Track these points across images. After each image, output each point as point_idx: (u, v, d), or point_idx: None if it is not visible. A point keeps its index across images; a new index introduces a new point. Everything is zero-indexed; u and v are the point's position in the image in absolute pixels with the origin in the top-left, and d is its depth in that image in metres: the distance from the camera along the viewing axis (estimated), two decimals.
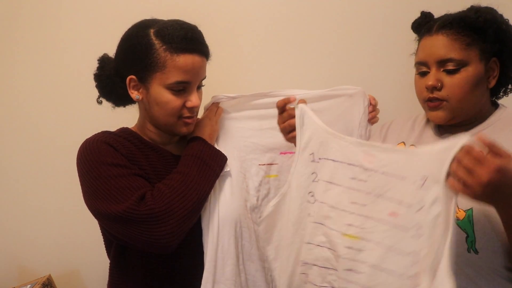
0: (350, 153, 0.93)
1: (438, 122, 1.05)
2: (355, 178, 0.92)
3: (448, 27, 0.98)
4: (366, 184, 0.90)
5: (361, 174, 0.91)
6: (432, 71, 1.00)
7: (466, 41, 0.97)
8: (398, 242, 0.84)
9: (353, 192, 0.92)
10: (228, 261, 1.02)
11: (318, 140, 0.98)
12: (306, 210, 0.97)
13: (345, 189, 0.93)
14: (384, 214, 0.87)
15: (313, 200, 0.97)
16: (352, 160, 0.93)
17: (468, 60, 0.97)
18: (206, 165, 1.02)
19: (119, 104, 1.13)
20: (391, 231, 0.86)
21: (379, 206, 0.88)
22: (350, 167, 0.93)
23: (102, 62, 1.11)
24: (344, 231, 0.91)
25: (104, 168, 0.95)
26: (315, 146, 0.98)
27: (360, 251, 0.89)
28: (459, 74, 0.97)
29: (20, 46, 1.63)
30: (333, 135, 0.96)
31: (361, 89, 1.15)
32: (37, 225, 1.72)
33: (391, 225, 0.86)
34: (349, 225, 0.91)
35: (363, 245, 0.88)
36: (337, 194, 0.94)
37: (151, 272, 1.03)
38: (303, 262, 0.98)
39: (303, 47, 1.55)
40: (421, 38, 1.05)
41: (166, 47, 0.97)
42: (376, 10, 1.51)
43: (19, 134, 1.68)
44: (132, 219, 0.90)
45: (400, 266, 0.83)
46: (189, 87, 1.02)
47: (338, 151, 0.95)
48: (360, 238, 0.89)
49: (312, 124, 0.99)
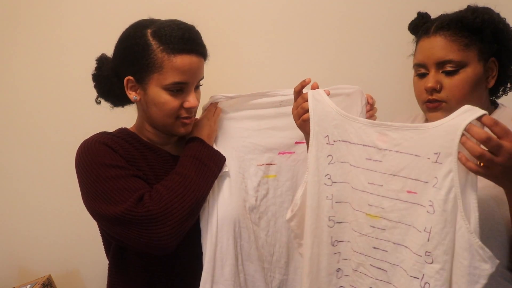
0: (364, 134, 0.94)
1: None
2: (371, 159, 0.93)
3: (446, 28, 0.98)
4: (382, 164, 0.92)
5: (376, 155, 0.92)
6: (431, 73, 1.00)
7: (464, 42, 0.96)
8: (417, 219, 0.86)
9: (370, 172, 0.93)
10: (227, 261, 1.02)
11: (332, 122, 0.97)
12: (324, 193, 0.97)
13: (363, 170, 0.94)
14: (401, 192, 0.89)
15: (330, 183, 0.97)
16: (366, 141, 0.94)
17: (467, 61, 0.97)
18: (205, 166, 1.02)
19: (118, 104, 1.13)
20: (409, 209, 0.88)
21: (396, 185, 0.89)
22: (365, 148, 0.94)
23: (100, 62, 1.11)
24: (367, 211, 0.94)
25: (102, 170, 0.95)
26: (330, 128, 0.97)
27: (383, 230, 0.91)
28: (458, 75, 0.97)
29: (19, 46, 1.62)
30: (347, 117, 0.96)
31: (359, 88, 1.15)
32: (37, 225, 1.72)
33: (409, 203, 0.88)
34: (370, 205, 0.93)
35: (384, 224, 0.91)
36: (356, 176, 0.95)
37: (150, 273, 1.03)
38: (337, 241, 0.98)
39: (301, 47, 1.55)
40: (419, 40, 1.05)
41: (163, 47, 0.97)
42: (375, 10, 1.50)
43: (18, 134, 1.68)
44: (130, 221, 0.90)
45: (415, 244, 0.85)
46: (187, 87, 1.02)
47: (353, 133, 0.95)
48: (381, 217, 0.91)
49: (326, 106, 0.98)
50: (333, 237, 0.98)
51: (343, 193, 0.97)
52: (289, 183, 1.15)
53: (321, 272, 0.98)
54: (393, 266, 0.90)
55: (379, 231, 0.92)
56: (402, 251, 0.89)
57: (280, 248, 1.14)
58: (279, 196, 1.14)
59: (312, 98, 0.98)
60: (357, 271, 0.96)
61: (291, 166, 1.15)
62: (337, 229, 0.98)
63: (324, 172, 0.97)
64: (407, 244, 0.88)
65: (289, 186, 1.15)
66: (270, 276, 1.12)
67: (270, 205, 1.13)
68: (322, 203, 0.97)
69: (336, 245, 0.98)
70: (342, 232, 0.98)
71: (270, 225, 1.13)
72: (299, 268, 1.14)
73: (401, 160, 0.89)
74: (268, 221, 1.12)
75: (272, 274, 1.13)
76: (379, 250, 0.92)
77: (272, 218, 1.13)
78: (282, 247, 1.14)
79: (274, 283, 1.13)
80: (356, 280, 0.97)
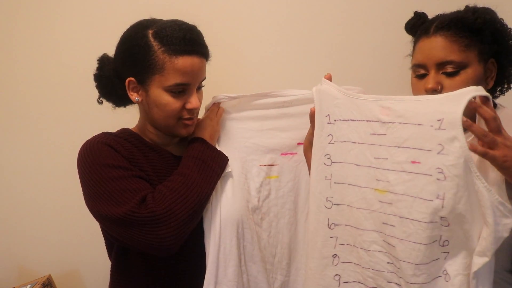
0: (367, 110, 0.93)
1: None
2: (375, 133, 0.92)
3: (446, 28, 0.97)
4: (386, 138, 0.91)
5: (380, 129, 0.92)
6: (431, 74, 0.99)
7: (465, 43, 0.96)
8: (422, 190, 0.86)
9: (375, 147, 0.92)
10: (230, 262, 1.02)
11: (334, 102, 0.97)
12: (323, 172, 0.97)
13: (368, 146, 0.93)
14: (406, 164, 0.88)
15: (329, 163, 0.97)
16: (369, 116, 0.93)
17: (467, 62, 0.96)
18: (207, 166, 1.02)
19: (119, 104, 1.13)
20: (414, 180, 0.87)
21: (400, 157, 0.89)
22: (369, 124, 0.93)
23: (101, 62, 1.10)
24: (374, 186, 0.92)
25: (105, 170, 0.95)
26: (331, 107, 0.97)
27: (390, 204, 0.90)
28: (459, 76, 0.97)
29: (20, 46, 1.62)
30: (349, 95, 0.97)
31: (361, 89, 1.15)
32: (37, 225, 1.72)
33: (414, 173, 0.87)
34: (377, 180, 0.92)
35: (391, 198, 0.90)
36: (361, 152, 0.94)
37: (153, 274, 1.03)
38: (334, 224, 0.97)
39: (304, 47, 1.55)
40: (417, 40, 1.04)
41: (165, 49, 0.97)
42: (375, 10, 1.51)
43: (19, 134, 1.67)
44: (133, 222, 0.90)
45: (428, 213, 0.84)
46: (189, 88, 1.01)
47: (356, 110, 0.95)
48: (388, 191, 0.90)
49: (327, 88, 0.99)
50: (330, 219, 0.97)
51: (342, 173, 0.96)
52: (291, 184, 1.15)
53: (315, 253, 0.97)
54: (401, 241, 0.88)
55: (386, 206, 0.91)
56: (408, 225, 0.87)
57: (281, 249, 1.14)
58: (281, 197, 1.14)
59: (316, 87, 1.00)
60: (370, 250, 0.93)
61: (293, 167, 1.15)
62: (335, 211, 0.96)
63: (324, 152, 0.97)
64: (414, 217, 0.86)
65: (291, 187, 1.15)
66: (272, 277, 1.12)
67: (272, 206, 1.13)
68: (321, 182, 0.96)
69: (333, 228, 0.97)
70: (340, 215, 0.96)
71: (272, 226, 1.13)
72: (300, 269, 1.14)
73: (405, 131, 0.88)
74: (270, 222, 1.12)
75: (274, 275, 1.13)
76: (387, 225, 0.91)
77: (274, 219, 1.13)
78: (284, 248, 1.14)
79: (276, 284, 1.13)
80: (368, 261, 0.94)
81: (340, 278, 0.97)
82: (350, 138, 0.96)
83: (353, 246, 0.96)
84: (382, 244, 0.92)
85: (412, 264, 0.87)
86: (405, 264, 0.88)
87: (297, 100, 1.11)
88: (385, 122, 0.91)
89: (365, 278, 0.95)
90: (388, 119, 0.90)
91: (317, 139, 0.97)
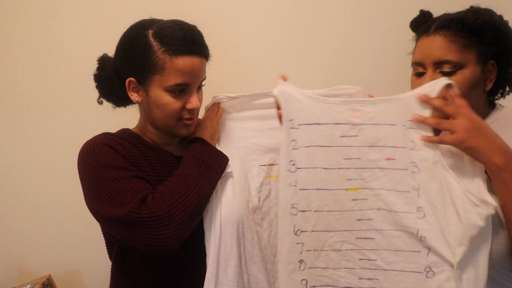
0: (336, 113, 0.95)
1: None
2: (345, 135, 0.95)
3: (446, 28, 0.97)
4: (358, 139, 0.95)
5: (351, 131, 0.95)
6: (428, 73, 0.99)
7: (463, 43, 0.96)
8: (399, 183, 0.92)
9: (345, 149, 0.95)
10: (231, 262, 1.02)
11: (297, 105, 0.97)
12: (287, 179, 0.95)
13: (337, 148, 0.95)
14: (380, 161, 0.94)
15: (294, 169, 0.96)
16: (339, 119, 0.95)
17: (465, 62, 0.96)
18: (208, 167, 1.02)
19: (120, 104, 1.13)
20: (391, 174, 0.93)
21: (374, 155, 0.94)
22: (337, 126, 0.95)
23: (101, 62, 1.11)
24: (346, 186, 0.95)
25: (105, 171, 0.95)
26: (294, 111, 0.96)
27: (365, 200, 0.94)
28: (455, 77, 0.96)
29: (20, 46, 1.62)
30: (315, 99, 0.97)
31: (361, 88, 1.15)
32: (37, 225, 1.72)
33: (389, 169, 0.94)
34: (349, 180, 0.95)
35: (366, 193, 0.94)
36: (329, 155, 0.95)
37: (153, 274, 1.03)
38: (300, 231, 0.97)
39: (303, 47, 1.55)
40: (418, 38, 1.04)
41: (165, 49, 0.96)
42: (375, 9, 1.51)
43: (19, 134, 1.67)
44: (133, 223, 0.90)
45: (405, 203, 0.91)
46: (189, 89, 1.01)
47: (322, 113, 0.96)
48: (362, 188, 0.95)
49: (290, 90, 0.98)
50: (296, 226, 0.96)
51: (308, 179, 0.96)
52: None
53: (282, 258, 0.97)
54: (380, 232, 0.94)
55: (362, 202, 0.94)
56: (387, 216, 0.93)
57: None
58: None
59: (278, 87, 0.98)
60: (342, 250, 0.96)
61: None
62: (300, 218, 0.96)
63: (289, 158, 0.96)
64: (391, 208, 0.92)
65: None
66: (273, 277, 1.11)
67: (272, 206, 1.13)
68: (286, 189, 0.96)
69: (299, 235, 0.97)
70: (306, 221, 0.96)
71: (272, 226, 1.12)
72: None
73: (378, 131, 0.94)
74: (270, 222, 1.12)
75: (275, 275, 1.12)
76: (364, 220, 0.95)
77: (274, 219, 1.13)
78: None
79: (276, 284, 1.13)
80: (340, 261, 0.96)
81: (307, 282, 0.97)
82: (316, 142, 0.96)
83: (321, 250, 0.97)
84: (354, 242, 0.96)
85: (391, 251, 0.93)
86: (385, 252, 0.93)
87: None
88: (356, 124, 0.95)
89: (335, 279, 0.97)
90: (360, 121, 0.94)
91: (282, 145, 0.96)
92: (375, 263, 0.94)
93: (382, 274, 0.94)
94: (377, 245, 0.94)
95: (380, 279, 0.94)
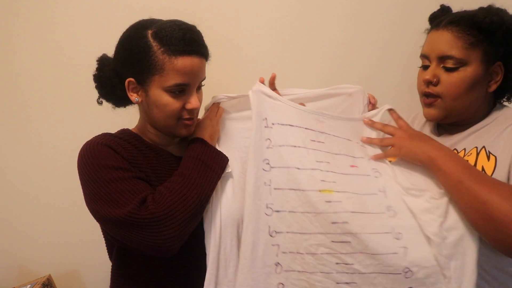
0: (305, 119, 1.01)
1: (431, 120, 1.06)
2: (315, 140, 1.00)
3: (455, 23, 0.97)
4: (325, 145, 1.01)
5: (319, 137, 1.01)
6: (432, 66, 1.00)
7: (470, 41, 0.96)
8: (366, 187, 0.97)
9: (316, 152, 0.98)
10: (231, 262, 1.02)
11: (271, 105, 0.99)
12: (261, 178, 0.95)
13: (309, 150, 0.98)
14: (346, 167, 1.00)
15: (268, 168, 0.95)
16: (307, 125, 1.00)
17: (468, 60, 0.96)
18: (207, 167, 1.02)
19: (119, 105, 1.13)
20: (356, 180, 0.98)
21: (340, 162, 1.00)
22: (307, 131, 1.00)
23: (101, 63, 1.10)
24: (319, 187, 0.94)
25: (105, 172, 0.95)
26: (267, 111, 0.99)
27: (339, 202, 0.94)
28: (457, 73, 0.97)
29: (20, 46, 1.62)
30: (285, 102, 1.01)
31: (361, 87, 1.15)
32: (37, 225, 1.72)
33: (354, 175, 0.99)
34: (323, 181, 0.95)
35: (339, 196, 0.95)
36: (302, 155, 0.96)
37: (154, 275, 1.03)
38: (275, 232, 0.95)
39: (303, 46, 1.55)
40: (429, 31, 1.05)
41: (164, 49, 0.96)
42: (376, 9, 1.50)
43: (19, 134, 1.67)
44: (133, 224, 0.90)
45: (375, 205, 0.95)
46: (189, 89, 1.01)
47: (294, 117, 1.00)
48: (334, 191, 0.95)
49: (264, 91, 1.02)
50: (271, 227, 0.94)
51: (282, 179, 0.95)
52: None
53: (256, 262, 0.94)
54: (355, 235, 0.92)
55: (336, 204, 0.93)
56: (361, 218, 0.93)
57: None
58: None
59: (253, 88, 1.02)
60: (317, 254, 0.93)
61: None
62: (276, 218, 0.94)
63: (263, 157, 0.96)
64: (364, 210, 0.94)
65: None
66: None
67: None
68: (260, 189, 0.94)
69: (275, 236, 0.94)
70: (281, 222, 0.94)
71: None
72: None
73: (339, 143, 1.02)
74: None
75: None
76: (338, 223, 0.92)
77: None
78: None
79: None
80: (315, 265, 0.94)
81: (284, 286, 0.95)
82: (289, 142, 0.96)
83: (297, 253, 0.94)
84: (329, 245, 0.93)
85: (368, 254, 0.91)
86: (362, 255, 0.92)
87: (296, 99, 1.11)
88: (322, 132, 1.01)
89: (312, 283, 0.94)
90: (324, 131, 1.02)
91: (255, 144, 0.96)
92: (352, 267, 0.92)
93: (359, 277, 0.92)
94: (353, 248, 0.92)
95: (358, 282, 0.92)
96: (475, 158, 0.95)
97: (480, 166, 0.93)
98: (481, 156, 0.94)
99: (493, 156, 0.93)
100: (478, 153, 0.95)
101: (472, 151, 0.97)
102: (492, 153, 0.93)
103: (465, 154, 0.98)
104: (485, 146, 0.95)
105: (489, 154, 0.94)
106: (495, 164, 0.91)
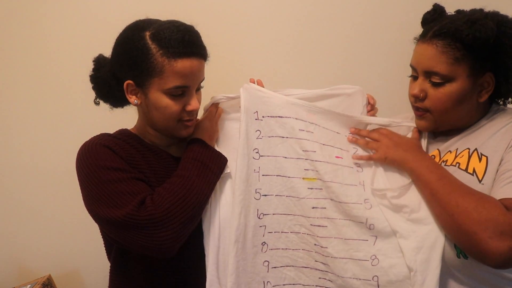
0: (295, 110, 1.07)
1: (423, 130, 1.08)
2: (304, 130, 1.06)
3: (441, 37, 0.94)
4: (313, 135, 1.06)
5: (309, 127, 1.07)
6: (419, 80, 1.00)
7: (455, 55, 0.93)
8: (348, 177, 1.03)
9: (303, 141, 1.05)
10: None
11: (261, 99, 1.06)
12: (252, 166, 1.03)
13: (297, 140, 1.05)
14: (332, 157, 1.05)
15: (257, 157, 1.04)
16: (298, 115, 1.06)
17: (454, 75, 0.94)
18: (206, 168, 1.01)
19: (117, 105, 1.13)
20: (340, 170, 1.04)
21: (326, 152, 1.05)
22: (297, 121, 1.06)
23: (97, 63, 1.10)
24: (303, 175, 1.04)
25: (104, 172, 0.94)
26: (259, 105, 1.06)
27: (320, 190, 1.03)
28: (443, 88, 0.96)
29: (18, 47, 1.62)
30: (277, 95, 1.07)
31: (360, 88, 1.15)
32: (37, 225, 1.72)
33: (339, 165, 1.05)
34: (306, 170, 1.04)
35: (321, 184, 1.03)
36: (289, 146, 1.05)
37: (152, 276, 1.03)
38: (263, 214, 1.03)
39: (302, 47, 1.55)
40: (418, 40, 1.03)
41: (163, 51, 0.95)
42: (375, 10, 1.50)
43: (18, 134, 1.67)
44: (132, 225, 0.90)
45: (354, 195, 1.01)
46: (188, 91, 1.01)
47: (285, 108, 1.06)
48: (317, 179, 1.03)
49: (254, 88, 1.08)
50: (259, 210, 1.03)
51: (270, 166, 1.04)
52: None
53: (247, 243, 1.01)
54: (332, 220, 1.01)
55: (317, 191, 1.03)
56: (338, 206, 1.01)
57: None
58: None
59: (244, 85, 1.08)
60: (300, 233, 1.04)
61: None
62: (263, 201, 1.03)
63: (253, 146, 1.04)
64: (341, 199, 1.00)
65: None
66: None
67: None
68: (250, 176, 1.02)
69: (262, 218, 1.03)
70: (268, 205, 1.03)
71: None
72: None
73: (327, 134, 1.08)
74: None
75: None
76: (318, 208, 1.02)
77: None
78: None
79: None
80: (298, 243, 1.03)
81: (268, 264, 1.03)
82: (277, 133, 1.05)
83: (281, 232, 1.03)
84: (308, 227, 1.03)
85: (341, 239, 1.00)
86: (335, 240, 1.00)
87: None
88: (312, 123, 1.07)
89: (295, 259, 1.04)
90: (314, 122, 1.07)
91: (245, 134, 1.03)
92: (326, 251, 1.00)
93: (332, 261, 1.00)
94: (328, 233, 1.01)
95: (330, 265, 1.00)
96: (467, 160, 0.95)
97: (471, 168, 0.93)
98: (473, 158, 0.94)
99: (485, 156, 0.93)
100: (470, 155, 0.95)
101: (463, 153, 0.97)
102: (483, 154, 0.93)
103: (457, 155, 0.98)
104: (477, 148, 0.95)
105: (481, 156, 0.93)
106: (486, 164, 0.92)
